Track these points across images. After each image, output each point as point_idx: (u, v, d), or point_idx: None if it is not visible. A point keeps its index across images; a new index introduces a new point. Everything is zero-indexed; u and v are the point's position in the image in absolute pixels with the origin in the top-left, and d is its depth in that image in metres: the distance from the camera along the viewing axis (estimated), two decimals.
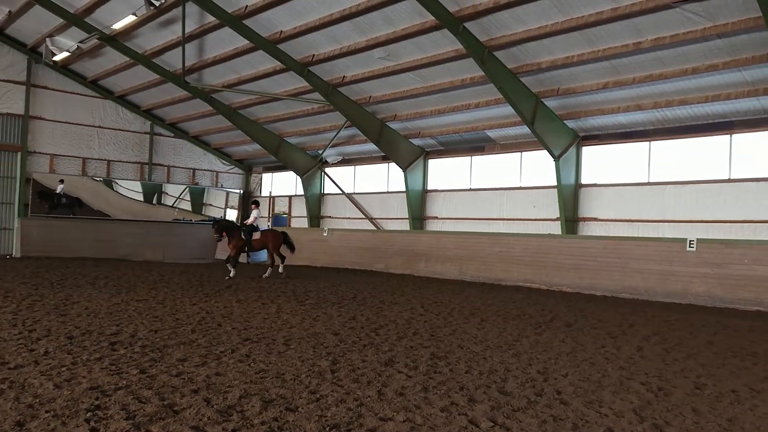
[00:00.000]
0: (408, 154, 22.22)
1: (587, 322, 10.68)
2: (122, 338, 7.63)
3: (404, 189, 22.56)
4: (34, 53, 23.11)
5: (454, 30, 14.52)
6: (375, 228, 24.26)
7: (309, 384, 5.77)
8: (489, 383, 6.12)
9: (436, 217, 22.41)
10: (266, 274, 17.26)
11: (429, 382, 6.06)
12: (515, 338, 8.81)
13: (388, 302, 12.60)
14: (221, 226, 17.66)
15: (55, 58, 21.86)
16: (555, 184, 18.04)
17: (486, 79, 16.27)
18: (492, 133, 20.03)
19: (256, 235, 17.41)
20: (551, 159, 17.78)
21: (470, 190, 21.46)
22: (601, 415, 5.21)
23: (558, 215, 18.20)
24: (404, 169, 22.24)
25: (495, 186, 20.65)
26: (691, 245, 14.68)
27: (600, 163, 18.11)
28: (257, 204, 18.07)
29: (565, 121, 17.60)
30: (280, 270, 17.49)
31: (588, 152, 18.34)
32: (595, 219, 17.95)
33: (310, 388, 5.64)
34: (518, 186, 20.03)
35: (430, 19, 14.79)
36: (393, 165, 23.17)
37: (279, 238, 17.67)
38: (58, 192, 24.07)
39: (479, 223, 20.81)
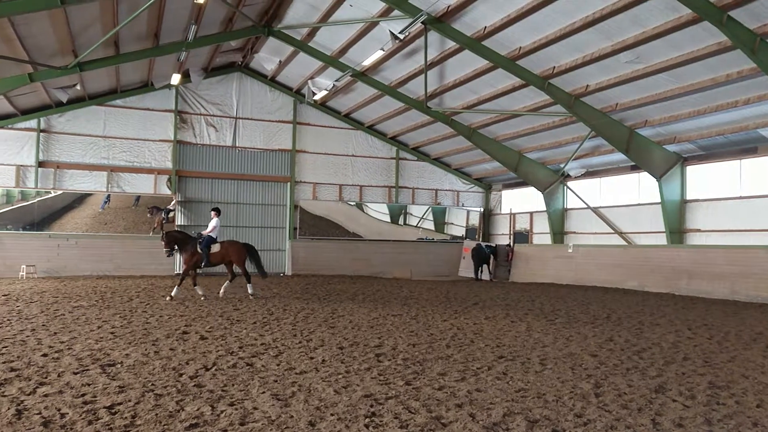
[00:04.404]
0: (662, 161, 20.39)
1: None
2: (385, 350, 8.13)
3: (658, 200, 20.73)
4: (298, 95, 26.28)
5: (716, 21, 13.01)
6: (626, 243, 22.65)
7: (573, 407, 5.51)
8: None
9: (699, 230, 20.15)
10: (221, 292, 15.04)
11: (712, 414, 5.40)
12: None
13: (648, 323, 11.61)
14: (171, 237, 14.74)
15: (315, 97, 24.72)
16: None
17: (758, 72, 14.28)
18: (767, 132, 17.48)
19: (215, 248, 14.81)
20: None
21: (740, 198, 18.93)
22: None
23: None
24: (658, 179, 20.44)
25: None
26: None
27: None
28: (218, 211, 15.40)
29: None
30: (250, 291, 14.99)
31: None
32: None
33: (574, 411, 5.39)
34: None
35: (686, 13, 13.47)
36: (644, 174, 21.47)
37: (242, 251, 15.13)
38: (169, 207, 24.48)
39: (753, 235, 18.25)
